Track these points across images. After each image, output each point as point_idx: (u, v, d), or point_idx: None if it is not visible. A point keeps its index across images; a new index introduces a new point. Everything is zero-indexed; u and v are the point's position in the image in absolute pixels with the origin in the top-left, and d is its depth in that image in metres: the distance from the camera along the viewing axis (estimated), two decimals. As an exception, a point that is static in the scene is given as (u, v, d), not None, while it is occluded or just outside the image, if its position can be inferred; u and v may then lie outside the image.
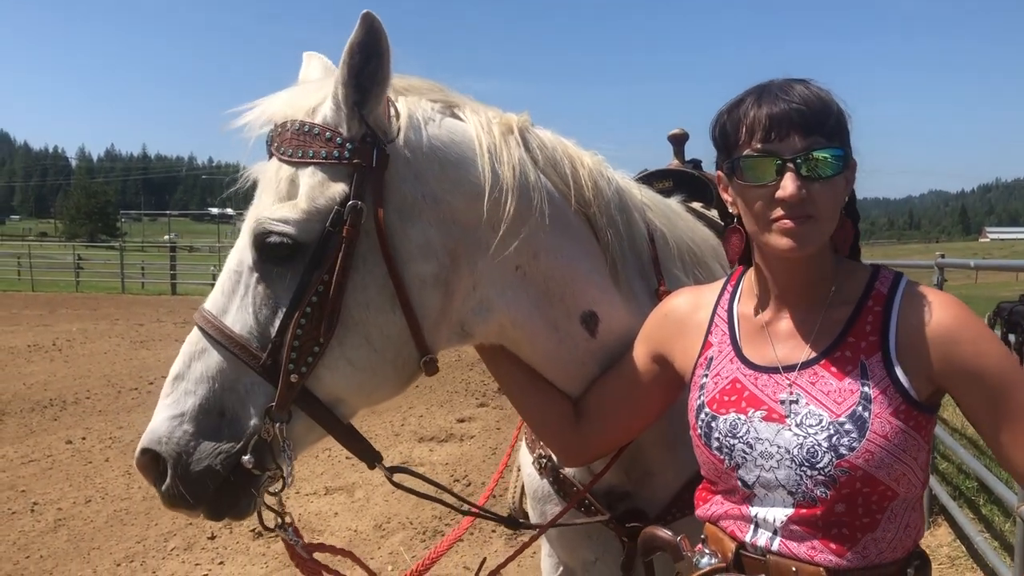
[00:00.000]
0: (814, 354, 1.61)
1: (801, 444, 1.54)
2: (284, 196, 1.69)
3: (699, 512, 1.77)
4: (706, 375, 1.74)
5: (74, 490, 7.37)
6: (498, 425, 9.78)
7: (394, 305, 1.72)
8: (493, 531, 6.35)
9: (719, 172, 1.71)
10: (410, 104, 1.80)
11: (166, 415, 1.66)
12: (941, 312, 1.56)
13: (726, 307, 1.81)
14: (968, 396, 1.56)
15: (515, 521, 2.22)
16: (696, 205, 2.71)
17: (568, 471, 2.26)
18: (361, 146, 1.69)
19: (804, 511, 1.55)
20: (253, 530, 6.30)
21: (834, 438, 1.52)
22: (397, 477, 1.93)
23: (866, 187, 1.74)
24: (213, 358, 1.68)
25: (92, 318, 21.03)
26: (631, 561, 2.08)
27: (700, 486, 1.79)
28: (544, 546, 2.62)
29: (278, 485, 1.74)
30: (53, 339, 16.57)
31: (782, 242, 1.53)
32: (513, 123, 1.91)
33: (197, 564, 5.85)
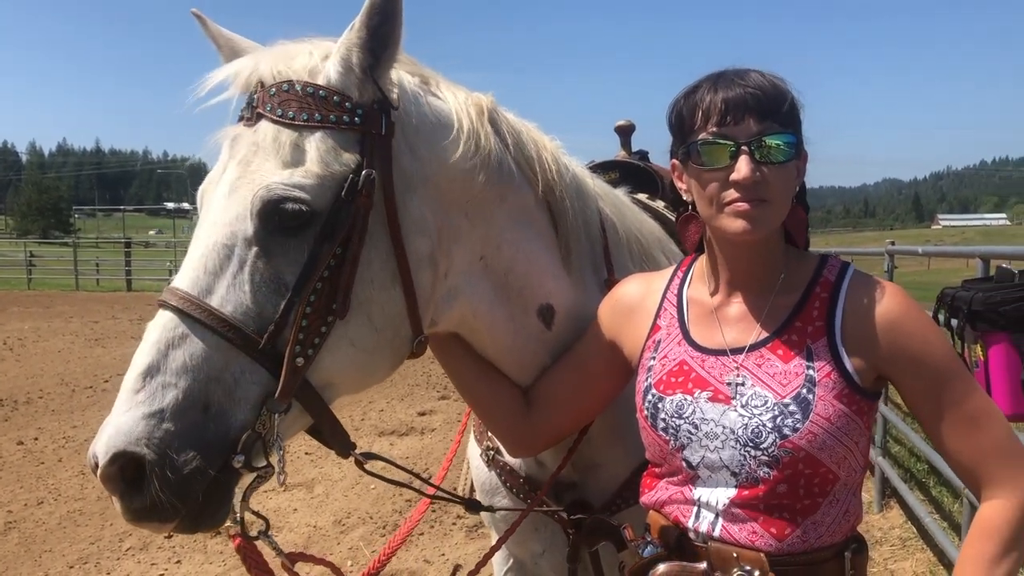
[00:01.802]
0: (762, 337, 1.64)
1: (746, 424, 1.56)
2: (289, 162, 1.57)
3: (643, 499, 1.78)
4: (654, 357, 1.76)
5: (25, 492, 7.20)
6: (459, 418, 9.70)
7: (395, 282, 1.66)
8: (453, 524, 6.35)
9: (674, 160, 1.72)
10: (398, 75, 1.74)
11: (140, 413, 1.43)
12: (886, 301, 1.60)
13: (676, 292, 1.82)
14: (909, 384, 1.60)
15: (476, 503, 2.22)
16: (642, 196, 2.73)
17: (515, 462, 2.26)
18: (371, 112, 1.63)
19: (746, 492, 1.57)
20: (211, 528, 6.21)
21: (778, 419, 1.54)
22: (367, 464, 1.86)
23: (821, 175, 1.77)
24: (197, 345, 1.49)
25: (45, 316, 20.52)
26: (576, 552, 2.09)
27: (645, 472, 1.80)
28: (494, 537, 2.61)
29: (267, 484, 1.57)
30: (4, 338, 16.13)
31: (736, 224, 1.55)
32: (484, 104, 1.86)
33: (153, 564, 5.76)
